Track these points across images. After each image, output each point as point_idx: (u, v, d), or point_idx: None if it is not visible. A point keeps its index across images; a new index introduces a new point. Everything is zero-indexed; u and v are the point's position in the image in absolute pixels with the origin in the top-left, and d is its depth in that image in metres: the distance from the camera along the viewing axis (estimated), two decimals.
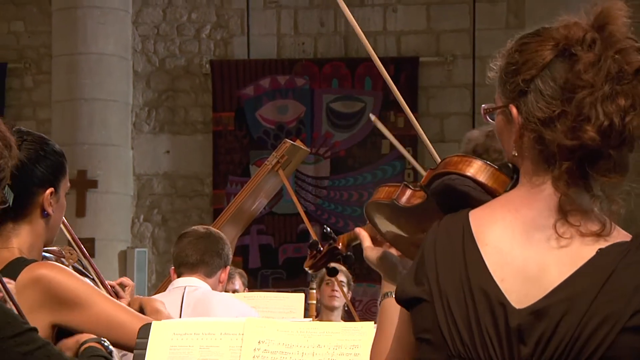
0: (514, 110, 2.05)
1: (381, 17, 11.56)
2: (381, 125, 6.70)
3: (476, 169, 2.19)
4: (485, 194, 2.16)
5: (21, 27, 11.85)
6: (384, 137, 10.87)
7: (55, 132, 11.13)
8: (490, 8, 11.27)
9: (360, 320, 4.56)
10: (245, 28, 11.67)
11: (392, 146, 10.80)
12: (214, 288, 4.78)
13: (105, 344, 2.74)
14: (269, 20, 11.68)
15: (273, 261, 11.28)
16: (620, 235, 2.03)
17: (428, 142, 3.85)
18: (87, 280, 3.21)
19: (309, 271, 3.08)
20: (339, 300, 7.25)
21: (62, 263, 3.39)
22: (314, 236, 7.01)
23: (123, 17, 11.38)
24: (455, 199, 2.17)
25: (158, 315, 3.21)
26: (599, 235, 2.00)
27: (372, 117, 6.88)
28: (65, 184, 3.23)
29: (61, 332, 3.06)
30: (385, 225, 2.46)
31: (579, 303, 1.96)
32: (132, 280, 11.64)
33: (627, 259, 1.98)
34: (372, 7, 11.57)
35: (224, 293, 5.11)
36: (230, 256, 4.88)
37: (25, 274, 2.96)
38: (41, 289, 2.95)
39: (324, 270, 3.01)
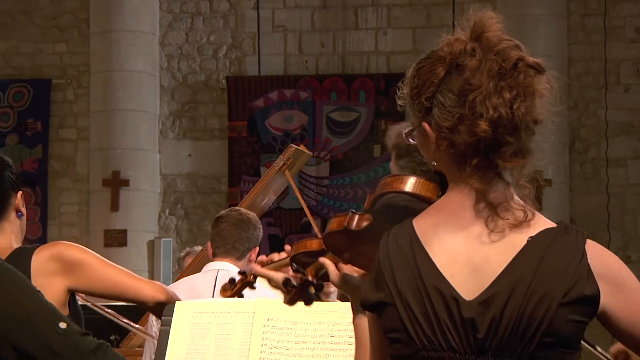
0: (427, 127, 2.03)
1: (373, 39, 11.52)
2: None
3: (409, 184, 2.17)
4: (421, 202, 2.14)
5: (64, 48, 11.72)
6: (376, 142, 11.14)
7: (93, 138, 11.21)
8: None
9: None
10: (256, 49, 11.61)
11: (382, 150, 10.76)
12: (244, 268, 4.49)
13: None
14: (276, 42, 11.63)
15: (280, 249, 11.05)
16: (542, 222, 2.01)
17: None
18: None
19: (288, 306, 2.84)
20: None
21: None
22: (315, 227, 7.04)
23: (151, 39, 11.34)
24: (398, 213, 2.14)
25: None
26: (524, 222, 1.98)
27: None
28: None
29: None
30: (345, 253, 2.37)
31: (518, 287, 1.94)
32: (159, 267, 11.63)
33: (555, 244, 1.97)
34: (366, 30, 11.51)
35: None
36: (260, 236, 4.75)
37: (42, 253, 3.03)
38: (57, 260, 3.00)
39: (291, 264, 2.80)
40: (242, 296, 2.93)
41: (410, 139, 2.13)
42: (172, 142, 11.66)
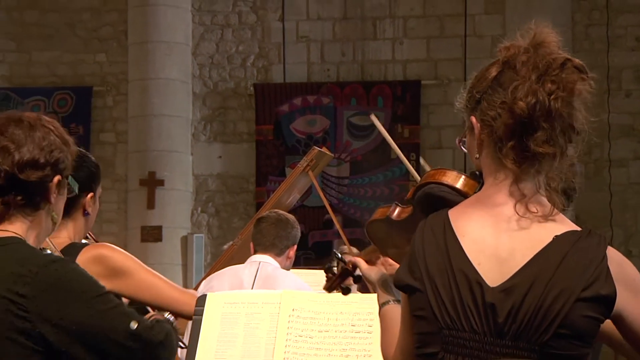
0: (474, 119, 2.06)
1: (390, 48, 11.49)
2: (377, 122, 6.62)
3: (450, 177, 2.19)
4: (459, 196, 2.16)
5: (104, 58, 11.76)
6: None
7: (131, 141, 11.24)
8: (478, 41, 11.21)
9: None
10: (281, 58, 11.60)
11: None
12: (282, 263, 4.72)
13: (168, 316, 2.60)
14: (300, 52, 11.63)
15: (304, 244, 10.78)
16: (566, 221, 2.03)
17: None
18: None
19: (326, 292, 3.00)
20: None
21: None
22: (336, 223, 7.09)
23: (184, 50, 11.36)
24: (435, 203, 2.16)
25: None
26: (549, 215, 2.00)
27: (372, 116, 6.81)
28: (99, 190, 3.23)
29: None
30: (382, 241, 2.44)
31: (539, 280, 1.94)
32: (192, 261, 11.66)
33: (578, 245, 1.97)
34: (383, 40, 11.48)
35: (286, 271, 4.99)
36: (298, 235, 4.79)
37: (86, 253, 3.02)
38: (101, 263, 2.99)
39: (336, 256, 2.92)
40: (345, 289, 2.89)
41: (462, 146, 2.16)
42: (203, 145, 11.66)
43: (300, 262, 10.96)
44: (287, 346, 3.01)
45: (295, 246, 4.79)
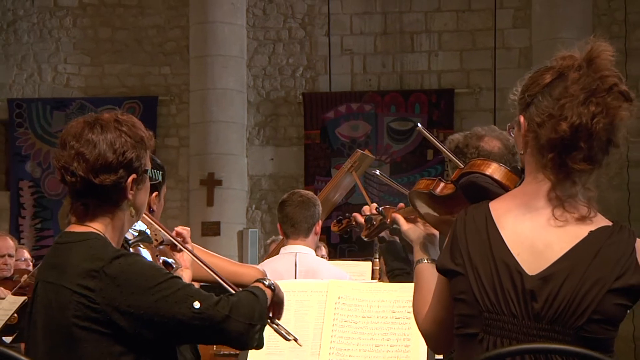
0: (522, 119, 2.04)
1: (426, 60, 11.48)
2: (425, 132, 6.55)
3: (493, 170, 2.17)
4: (500, 188, 2.14)
5: (168, 71, 11.86)
6: (429, 147, 11.07)
7: (192, 145, 11.29)
8: (506, 53, 11.19)
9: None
10: (327, 69, 11.63)
11: (435, 153, 10.84)
12: (312, 242, 4.57)
13: (267, 282, 2.47)
14: (345, 63, 11.64)
15: (348, 238, 10.96)
16: (601, 219, 2.02)
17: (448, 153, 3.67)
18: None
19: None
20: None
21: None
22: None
23: (240, 62, 11.39)
24: (478, 191, 2.16)
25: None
26: (586, 217, 1.99)
27: (419, 125, 6.65)
28: (164, 190, 3.25)
29: None
30: (422, 207, 2.42)
31: (576, 271, 1.94)
32: (247, 253, 11.62)
33: (611, 239, 1.97)
34: (420, 53, 11.48)
35: (326, 261, 4.91)
36: (320, 212, 4.59)
37: None
38: None
39: (377, 210, 2.92)
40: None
41: (511, 132, 2.11)
42: (257, 148, 11.71)
43: (345, 254, 11.00)
44: (333, 330, 3.01)
45: (320, 222, 4.62)
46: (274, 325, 2.48)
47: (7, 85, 11.98)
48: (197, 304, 2.22)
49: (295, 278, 4.30)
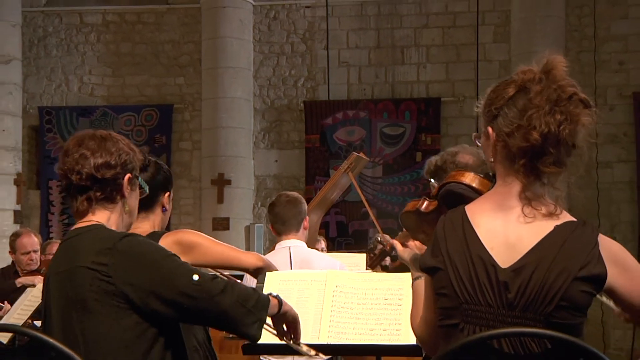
0: (490, 130, 2.02)
1: (416, 71, 11.46)
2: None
3: (467, 177, 2.20)
4: (474, 193, 2.16)
5: (182, 81, 11.84)
6: (417, 150, 11.08)
7: (204, 148, 11.25)
8: (488, 65, 11.16)
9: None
10: (326, 79, 11.61)
11: (423, 156, 10.77)
12: (303, 235, 4.48)
13: (274, 294, 2.45)
14: (342, 74, 11.63)
15: (345, 232, 11.21)
16: (567, 216, 2.00)
17: None
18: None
19: (369, 270, 3.01)
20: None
21: None
22: (371, 215, 6.97)
23: (247, 74, 11.38)
24: (455, 198, 2.17)
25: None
26: (553, 214, 1.98)
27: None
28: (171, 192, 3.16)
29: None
30: (413, 227, 2.42)
31: (543, 262, 1.93)
32: (254, 246, 11.51)
33: (575, 233, 1.96)
34: (410, 65, 11.46)
35: (321, 252, 4.85)
36: (306, 208, 4.50)
37: (166, 238, 2.98)
38: (179, 244, 2.95)
39: (377, 240, 2.87)
40: (384, 267, 2.80)
41: (477, 142, 2.12)
42: (263, 151, 11.69)
43: (342, 246, 10.99)
44: (331, 316, 3.01)
45: (308, 217, 4.55)
46: (297, 346, 2.49)
47: (38, 94, 12.00)
48: (196, 277, 2.26)
49: (291, 268, 4.26)
